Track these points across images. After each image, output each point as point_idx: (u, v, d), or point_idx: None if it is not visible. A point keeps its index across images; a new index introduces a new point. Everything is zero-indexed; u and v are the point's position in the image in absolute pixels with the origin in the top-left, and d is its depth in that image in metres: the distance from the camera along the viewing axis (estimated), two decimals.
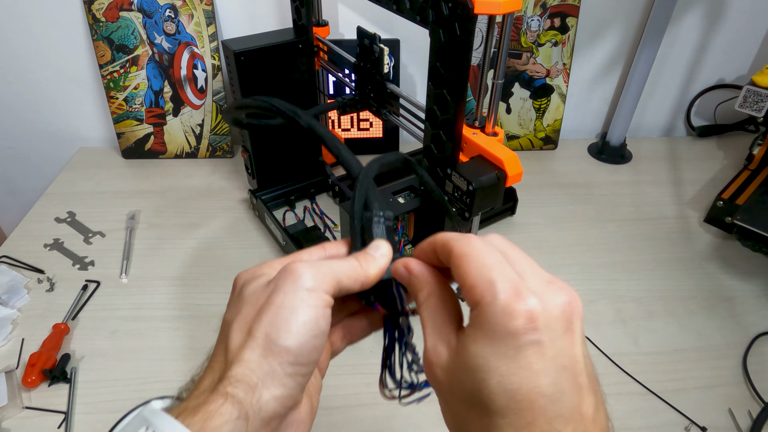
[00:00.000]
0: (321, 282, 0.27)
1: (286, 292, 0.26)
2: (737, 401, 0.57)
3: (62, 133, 1.00)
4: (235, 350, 0.26)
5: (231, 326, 0.27)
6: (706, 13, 0.94)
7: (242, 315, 0.27)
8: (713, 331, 0.66)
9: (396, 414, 0.55)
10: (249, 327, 0.26)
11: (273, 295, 0.26)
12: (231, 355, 0.26)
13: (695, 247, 0.79)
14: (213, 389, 0.25)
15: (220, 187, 0.90)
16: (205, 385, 0.26)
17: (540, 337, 0.22)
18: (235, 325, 0.27)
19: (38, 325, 0.64)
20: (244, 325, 0.27)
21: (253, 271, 0.30)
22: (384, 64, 0.61)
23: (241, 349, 0.26)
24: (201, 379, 0.27)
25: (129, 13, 0.85)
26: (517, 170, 0.49)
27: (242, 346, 0.26)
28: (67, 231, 0.80)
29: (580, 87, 1.01)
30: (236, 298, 0.29)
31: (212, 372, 0.26)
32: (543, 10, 0.89)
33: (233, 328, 0.27)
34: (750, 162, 0.89)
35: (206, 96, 0.92)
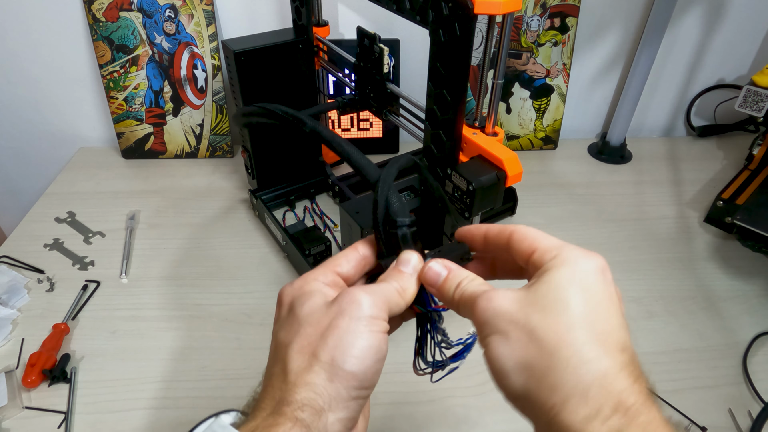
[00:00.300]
0: (380, 309, 0.28)
1: (351, 318, 0.27)
2: (737, 401, 0.57)
3: (62, 133, 1.00)
4: (299, 372, 0.26)
5: (290, 347, 0.27)
6: (706, 13, 0.94)
7: (302, 336, 0.27)
8: (713, 331, 0.66)
9: (396, 414, 0.55)
10: (313, 350, 0.27)
11: (337, 319, 0.27)
12: (293, 376, 0.26)
13: (695, 247, 0.79)
14: (279, 411, 0.25)
15: (220, 187, 0.90)
16: (268, 406, 0.26)
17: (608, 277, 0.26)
18: (295, 346, 0.27)
19: (38, 325, 0.64)
20: (307, 346, 0.27)
21: (301, 287, 0.30)
22: (384, 64, 0.61)
23: (305, 372, 0.26)
24: (261, 398, 0.27)
25: (129, 13, 0.85)
26: (517, 170, 0.49)
27: (307, 369, 0.26)
28: (67, 231, 0.80)
29: (580, 87, 1.01)
30: (289, 317, 0.29)
31: (272, 391, 0.27)
32: (543, 10, 0.89)
33: (293, 349, 0.27)
34: (750, 162, 0.89)
35: (206, 96, 0.92)
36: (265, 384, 0.28)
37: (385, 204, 0.31)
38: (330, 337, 0.27)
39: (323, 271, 0.31)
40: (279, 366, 0.28)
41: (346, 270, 0.31)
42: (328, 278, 0.30)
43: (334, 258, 0.32)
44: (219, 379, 0.59)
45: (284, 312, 0.30)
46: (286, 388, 0.26)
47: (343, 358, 0.26)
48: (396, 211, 0.31)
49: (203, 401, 0.56)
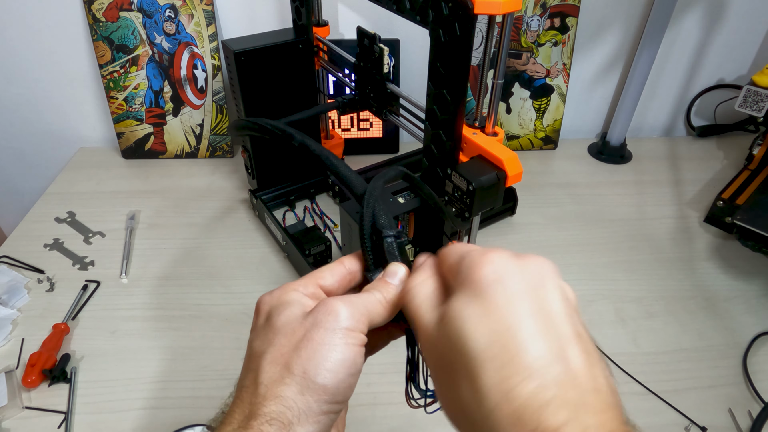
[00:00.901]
0: (357, 321, 0.27)
1: (326, 329, 0.26)
2: (737, 401, 0.57)
3: (62, 133, 1.00)
4: (269, 384, 0.26)
5: (263, 357, 0.27)
6: (706, 13, 0.94)
7: (276, 347, 0.27)
8: (713, 331, 0.66)
9: (396, 414, 0.55)
10: (285, 361, 0.26)
11: (312, 330, 0.26)
12: (263, 388, 0.26)
13: (695, 247, 0.79)
14: (246, 425, 0.25)
15: (220, 187, 0.90)
16: (236, 420, 0.26)
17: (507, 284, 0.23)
18: (268, 356, 0.27)
19: (38, 325, 0.64)
20: (279, 357, 0.26)
21: (279, 297, 0.29)
22: (384, 64, 0.61)
23: (276, 384, 0.26)
24: (230, 411, 0.27)
25: (129, 13, 0.85)
26: (517, 170, 0.49)
27: (278, 381, 0.26)
28: (67, 231, 0.80)
29: (580, 87, 1.01)
30: (265, 326, 0.28)
31: (242, 404, 0.26)
32: (543, 10, 0.89)
33: (266, 360, 0.27)
34: (750, 162, 0.89)
35: (206, 96, 0.92)
36: (236, 396, 0.27)
37: (371, 216, 0.31)
38: (303, 348, 0.26)
39: (305, 283, 0.30)
40: (251, 377, 0.27)
41: (329, 283, 0.31)
42: (308, 290, 0.30)
43: (319, 270, 0.31)
44: (219, 379, 0.59)
45: (261, 321, 0.29)
46: (256, 401, 0.25)
47: (316, 371, 0.25)
48: (383, 224, 0.31)
49: (203, 401, 0.56)
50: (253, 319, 0.30)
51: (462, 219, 0.55)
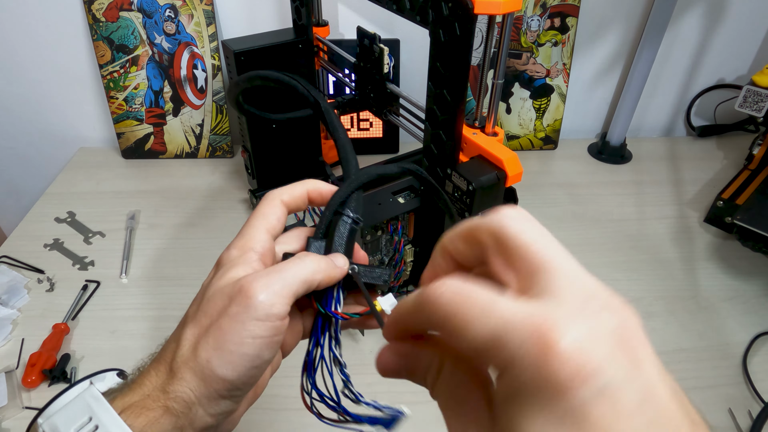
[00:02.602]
0: (276, 303, 0.25)
1: (235, 320, 0.25)
2: (737, 401, 0.57)
3: (62, 133, 1.00)
4: (181, 362, 0.25)
5: (187, 325, 0.26)
6: (706, 13, 0.94)
7: (197, 320, 0.26)
8: (713, 331, 0.66)
9: None
10: (196, 342, 0.26)
11: (222, 317, 0.25)
12: (176, 364, 0.26)
13: (695, 247, 0.79)
14: (154, 396, 0.25)
15: (220, 187, 0.90)
16: (150, 383, 0.26)
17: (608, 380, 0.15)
18: (190, 328, 0.26)
19: (38, 325, 0.64)
20: (194, 334, 0.26)
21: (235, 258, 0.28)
22: (384, 64, 0.61)
23: (185, 364, 0.25)
24: (150, 367, 0.27)
25: (129, 13, 0.85)
26: (517, 170, 0.49)
27: (186, 362, 0.25)
28: (67, 231, 0.80)
29: (580, 87, 1.01)
30: (205, 289, 0.28)
31: (158, 368, 0.26)
32: (543, 10, 0.89)
33: (187, 330, 0.26)
34: (750, 162, 0.89)
35: (206, 96, 0.92)
36: (160, 353, 0.27)
37: (345, 195, 0.31)
38: (212, 335, 0.25)
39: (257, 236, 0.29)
40: (173, 343, 0.27)
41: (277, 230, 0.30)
42: (261, 244, 0.29)
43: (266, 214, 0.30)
44: None
45: (206, 282, 0.29)
46: (169, 375, 0.26)
47: (218, 362, 0.25)
48: (353, 206, 0.31)
49: None
50: (209, 275, 0.29)
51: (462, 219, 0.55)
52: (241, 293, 0.25)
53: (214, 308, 0.26)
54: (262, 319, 0.25)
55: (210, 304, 0.26)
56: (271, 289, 0.25)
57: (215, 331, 0.25)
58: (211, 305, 0.26)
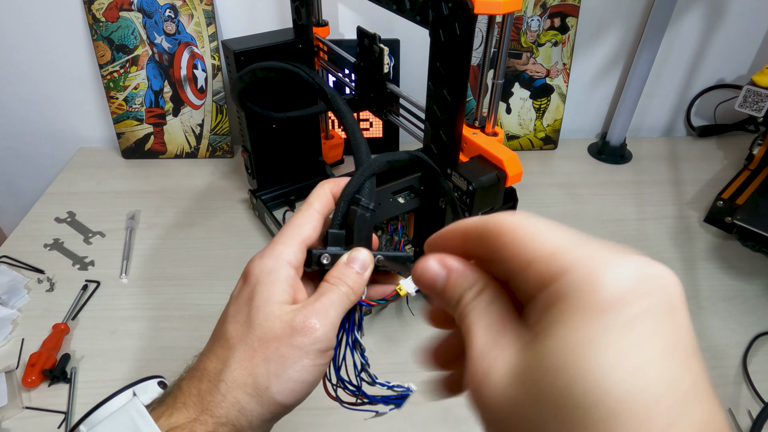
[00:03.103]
0: (331, 338, 0.27)
1: (301, 350, 0.26)
2: (737, 401, 0.57)
3: (62, 133, 1.00)
4: (232, 386, 0.26)
5: (234, 351, 0.26)
6: (706, 13, 0.94)
7: (248, 346, 0.26)
8: (713, 331, 0.66)
9: (396, 414, 0.55)
10: (253, 369, 0.26)
11: (286, 347, 0.26)
12: (225, 387, 0.26)
13: (695, 247, 0.79)
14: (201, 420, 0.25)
15: (220, 187, 0.90)
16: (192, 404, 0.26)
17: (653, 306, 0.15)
18: (239, 354, 0.26)
19: (38, 325, 0.64)
20: (248, 361, 0.26)
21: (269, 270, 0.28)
22: (384, 64, 0.61)
23: (239, 389, 0.26)
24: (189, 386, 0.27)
25: (129, 13, 0.85)
26: (517, 170, 0.49)
27: (241, 387, 0.26)
28: (67, 231, 0.80)
29: (580, 87, 1.01)
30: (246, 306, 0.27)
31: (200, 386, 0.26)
32: (543, 10, 0.89)
33: (235, 357, 0.26)
34: (750, 162, 0.89)
35: (206, 96, 0.92)
36: (200, 370, 0.27)
37: (359, 184, 0.31)
38: (274, 362, 0.26)
39: (293, 247, 0.29)
40: (216, 365, 0.27)
41: (313, 240, 0.31)
42: (296, 256, 0.29)
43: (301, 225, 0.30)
44: None
45: (244, 294, 0.28)
46: (214, 397, 0.26)
47: (279, 389, 0.26)
48: (365, 194, 0.31)
49: None
50: (237, 287, 0.29)
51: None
52: (305, 325, 0.26)
53: (271, 335, 0.26)
54: (324, 350, 0.26)
55: (264, 330, 0.26)
56: (331, 325, 0.27)
57: (278, 359, 0.26)
58: (265, 331, 0.26)
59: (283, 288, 0.27)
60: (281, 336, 0.26)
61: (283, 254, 0.29)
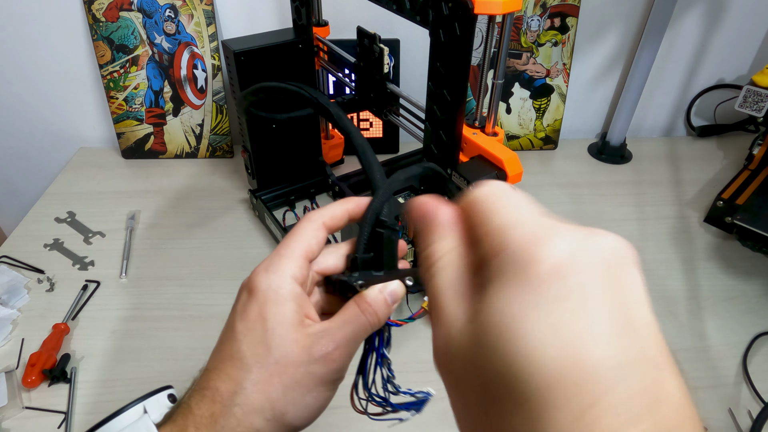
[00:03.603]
0: (346, 368, 0.27)
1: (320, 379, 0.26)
2: (737, 401, 0.57)
3: (62, 133, 1.00)
4: (247, 411, 0.25)
5: (249, 373, 0.25)
6: (706, 13, 0.94)
7: (264, 369, 0.25)
8: (713, 331, 0.66)
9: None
10: (269, 394, 0.25)
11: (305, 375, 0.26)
12: (240, 411, 0.25)
13: (695, 247, 0.79)
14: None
15: (220, 187, 0.90)
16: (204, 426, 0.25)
17: (584, 281, 0.16)
18: (254, 375, 0.25)
19: (38, 325, 0.64)
20: (264, 385, 0.25)
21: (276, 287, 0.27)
22: (384, 64, 0.61)
23: (254, 414, 0.25)
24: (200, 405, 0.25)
25: (129, 13, 0.85)
26: (517, 170, 0.49)
27: (257, 412, 0.25)
28: (67, 231, 0.80)
29: (580, 87, 1.01)
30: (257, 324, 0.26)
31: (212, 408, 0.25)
32: (543, 10, 0.89)
33: (250, 379, 0.25)
34: (750, 162, 0.89)
35: (206, 96, 0.92)
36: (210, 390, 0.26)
37: (381, 206, 0.30)
38: (291, 390, 0.25)
39: (297, 261, 0.28)
40: (229, 385, 0.25)
41: (315, 255, 0.29)
42: (301, 271, 0.28)
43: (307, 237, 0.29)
44: None
45: (253, 311, 0.27)
46: (230, 422, 0.25)
47: (295, 415, 0.26)
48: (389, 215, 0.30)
49: None
50: (242, 301, 0.28)
51: None
52: (326, 358, 0.26)
53: (288, 360, 0.26)
54: (340, 379, 0.27)
55: (280, 352, 0.26)
56: (349, 354, 0.27)
57: (294, 384, 0.25)
58: (283, 355, 0.26)
59: (294, 308, 0.27)
60: (298, 362, 0.26)
61: (288, 269, 0.28)
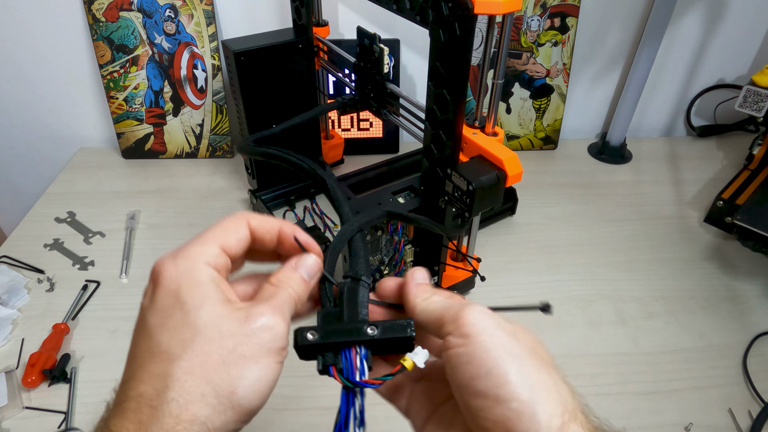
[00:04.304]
0: (287, 336, 0.25)
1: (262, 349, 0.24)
2: (737, 401, 0.57)
3: (62, 133, 1.00)
4: (185, 403, 0.22)
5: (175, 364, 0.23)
6: (706, 13, 0.94)
7: (197, 354, 0.23)
8: (713, 331, 0.66)
9: (397, 414, 0.55)
10: (209, 377, 0.23)
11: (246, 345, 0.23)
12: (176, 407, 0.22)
13: (695, 247, 0.79)
14: None
15: (220, 187, 0.90)
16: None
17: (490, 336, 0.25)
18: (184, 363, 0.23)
19: (38, 325, 0.64)
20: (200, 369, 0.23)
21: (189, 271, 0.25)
22: (384, 64, 0.61)
23: (195, 403, 0.22)
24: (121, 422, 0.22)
25: (129, 13, 0.85)
26: (517, 170, 0.49)
27: (198, 399, 0.22)
28: (67, 231, 0.80)
29: (580, 87, 1.01)
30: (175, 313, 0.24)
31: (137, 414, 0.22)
32: (543, 10, 0.89)
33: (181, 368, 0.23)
34: (750, 162, 0.89)
35: (206, 96, 0.92)
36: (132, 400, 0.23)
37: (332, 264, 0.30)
38: (234, 365, 0.23)
39: (210, 248, 0.26)
40: (153, 385, 0.22)
41: (234, 251, 0.27)
42: (215, 259, 0.26)
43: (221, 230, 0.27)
44: None
45: (164, 300, 0.25)
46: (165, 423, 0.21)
47: (245, 393, 0.23)
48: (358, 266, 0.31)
49: None
50: (149, 289, 0.26)
51: (462, 219, 0.55)
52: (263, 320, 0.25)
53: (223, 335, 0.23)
54: (284, 347, 0.25)
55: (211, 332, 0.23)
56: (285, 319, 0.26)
57: (238, 360, 0.23)
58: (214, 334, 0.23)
59: (214, 287, 0.25)
60: (236, 334, 0.24)
61: (199, 255, 0.26)
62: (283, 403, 0.55)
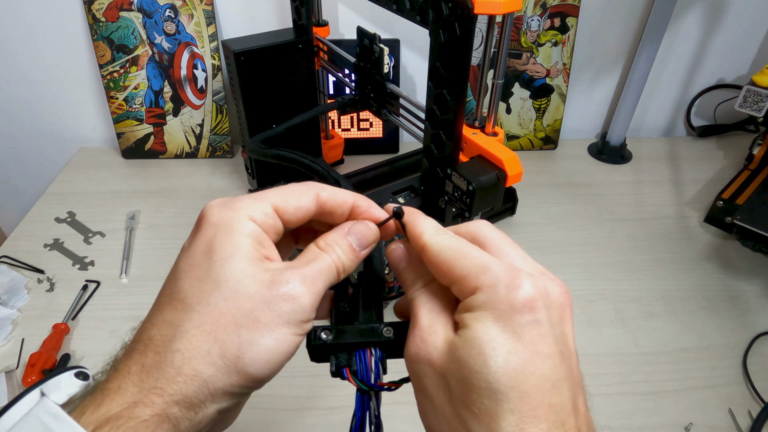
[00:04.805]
0: (314, 309, 0.24)
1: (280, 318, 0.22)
2: (737, 401, 0.57)
3: (62, 133, 1.00)
4: (190, 357, 0.21)
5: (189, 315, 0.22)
6: (706, 13, 0.94)
7: (211, 309, 0.22)
8: (713, 331, 0.66)
9: (397, 414, 0.55)
10: (219, 335, 0.21)
11: (263, 311, 0.22)
12: (180, 358, 0.21)
13: (695, 247, 0.79)
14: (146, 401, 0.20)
15: (220, 187, 0.90)
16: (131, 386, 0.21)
17: (541, 318, 0.22)
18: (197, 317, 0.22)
19: (38, 325, 0.64)
20: (212, 325, 0.22)
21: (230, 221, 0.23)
22: (384, 64, 0.61)
23: (199, 359, 0.21)
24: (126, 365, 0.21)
25: (129, 13, 0.85)
26: (517, 170, 0.49)
27: (203, 356, 0.21)
28: (67, 231, 0.80)
29: (580, 87, 1.01)
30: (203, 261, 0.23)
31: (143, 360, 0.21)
32: (543, 10, 0.89)
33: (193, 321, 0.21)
34: (750, 162, 0.89)
35: (206, 96, 0.92)
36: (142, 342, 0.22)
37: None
38: (246, 329, 0.21)
39: (261, 207, 0.24)
40: (167, 329, 0.22)
41: (290, 217, 0.25)
42: (262, 217, 0.24)
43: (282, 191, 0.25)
44: None
45: (200, 246, 0.23)
46: (166, 372, 0.21)
47: (252, 360, 0.21)
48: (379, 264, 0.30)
49: None
50: (194, 230, 0.25)
51: (462, 219, 0.55)
52: (287, 289, 0.23)
53: (242, 295, 0.22)
54: (305, 320, 0.23)
55: (229, 290, 0.22)
56: (317, 291, 0.24)
57: (252, 324, 0.22)
58: (232, 293, 0.22)
59: (250, 243, 0.23)
60: (256, 297, 0.22)
61: (247, 209, 0.24)
62: (282, 403, 0.55)
